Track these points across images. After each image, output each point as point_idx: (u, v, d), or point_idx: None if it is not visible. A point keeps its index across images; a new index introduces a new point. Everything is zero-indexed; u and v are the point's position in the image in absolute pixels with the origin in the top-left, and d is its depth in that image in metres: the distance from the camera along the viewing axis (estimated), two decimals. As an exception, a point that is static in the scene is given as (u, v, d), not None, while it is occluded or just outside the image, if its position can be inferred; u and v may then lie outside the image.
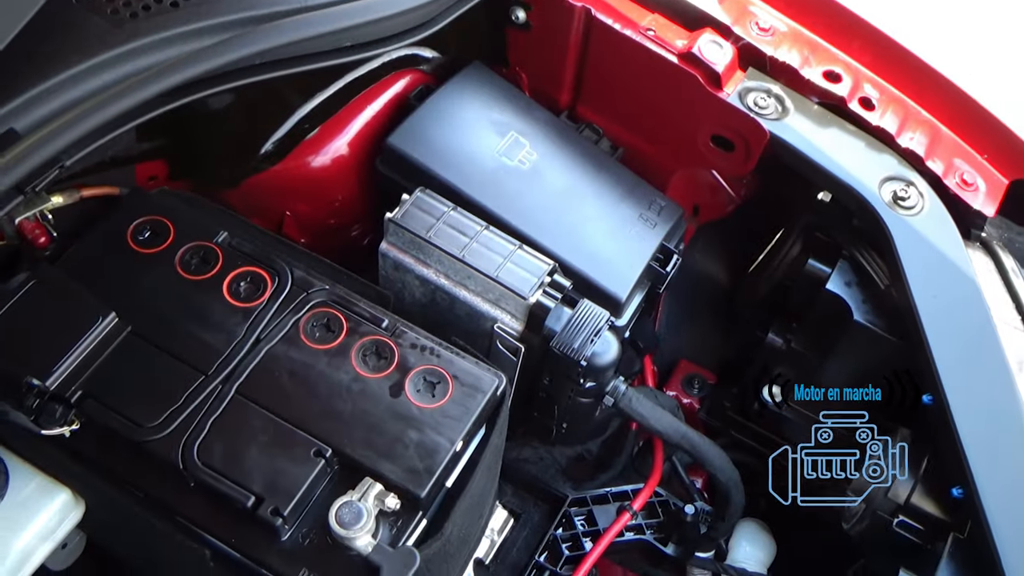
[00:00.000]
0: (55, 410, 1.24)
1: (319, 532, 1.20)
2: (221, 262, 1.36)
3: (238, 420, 1.24)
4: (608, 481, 1.72)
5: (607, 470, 1.76)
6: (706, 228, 1.87)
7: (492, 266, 1.41)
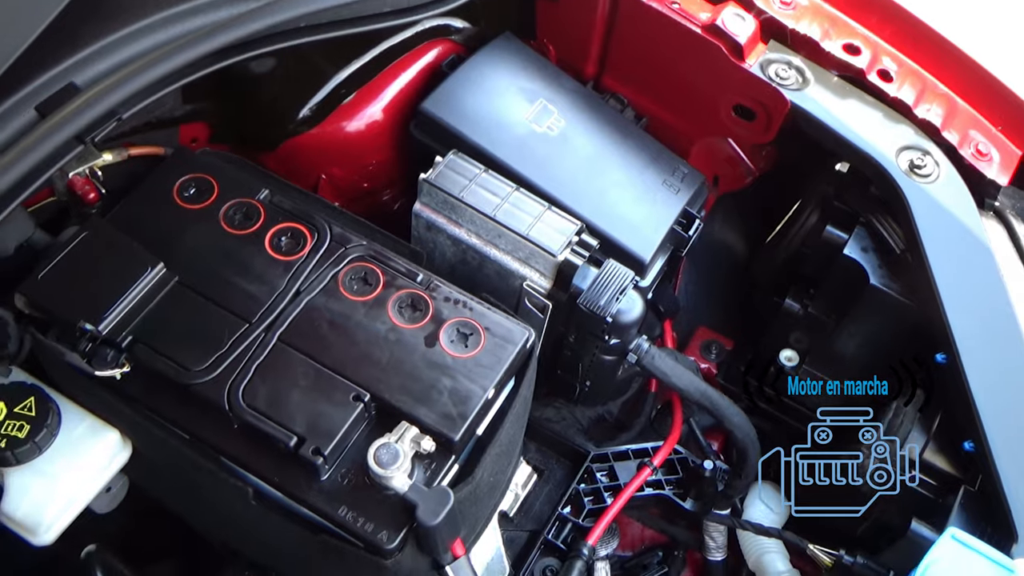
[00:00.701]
0: (107, 354, 1.30)
1: (357, 473, 1.26)
2: (263, 218, 1.42)
3: (280, 366, 1.30)
4: (628, 441, 1.78)
5: (627, 431, 1.82)
6: (725, 200, 1.92)
7: (522, 225, 1.47)
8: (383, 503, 1.24)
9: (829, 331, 1.71)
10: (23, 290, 1.31)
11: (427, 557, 1.28)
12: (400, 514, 1.23)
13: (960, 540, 1.25)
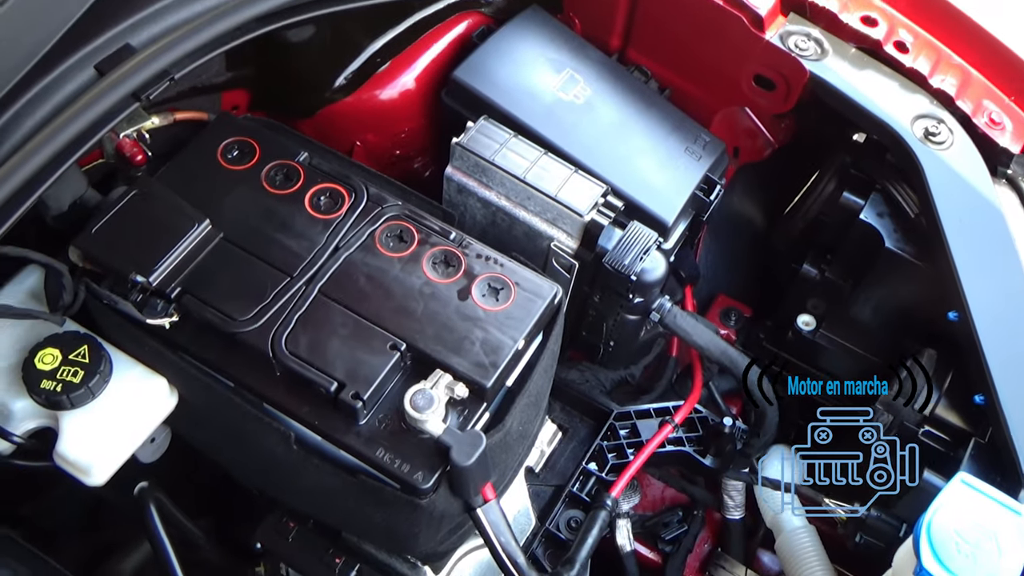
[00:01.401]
0: (157, 304, 1.37)
1: (394, 418, 1.33)
2: (303, 179, 1.49)
3: (321, 316, 1.36)
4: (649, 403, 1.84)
5: (648, 394, 1.88)
6: (745, 172, 1.98)
7: (551, 187, 1.53)
8: (419, 446, 1.31)
9: (845, 296, 1.77)
10: (78, 243, 1.38)
11: (459, 499, 1.35)
12: (434, 456, 1.30)
13: (969, 484, 1.31)
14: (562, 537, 1.66)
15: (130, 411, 1.39)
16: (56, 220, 1.44)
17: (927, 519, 1.28)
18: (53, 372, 1.35)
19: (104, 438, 1.36)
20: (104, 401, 1.37)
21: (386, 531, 1.43)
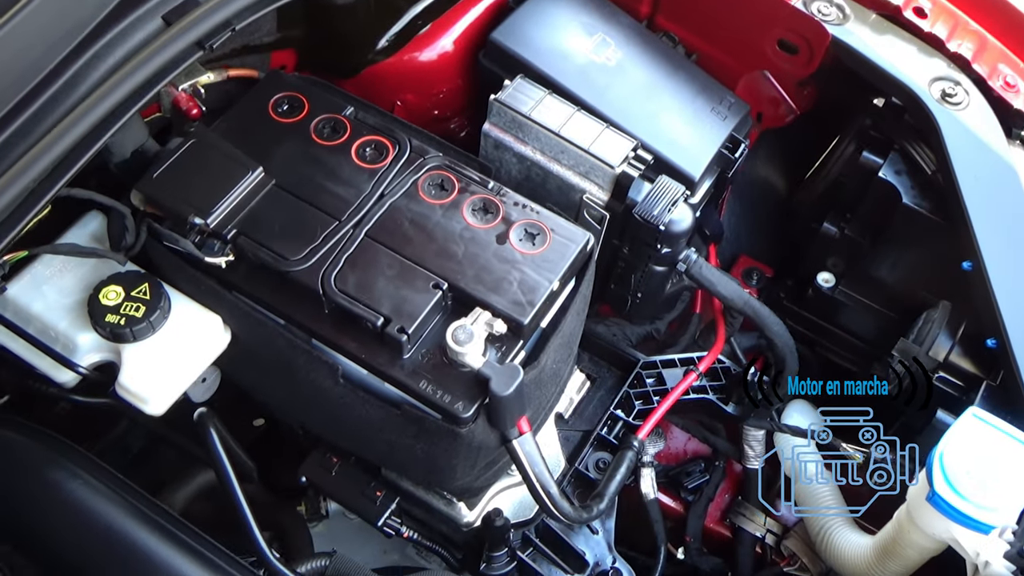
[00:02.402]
0: (214, 244, 1.46)
1: (436, 353, 1.41)
2: (349, 131, 1.57)
3: (367, 257, 1.45)
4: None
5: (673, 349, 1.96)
6: (768, 138, 2.05)
7: (584, 141, 1.61)
8: (459, 378, 1.39)
9: (864, 252, 1.84)
10: (140, 187, 1.47)
11: (496, 431, 1.43)
12: (474, 388, 1.38)
13: (980, 417, 1.38)
14: (591, 476, 1.74)
15: (187, 346, 1.47)
16: (118, 167, 1.53)
17: (940, 448, 1.36)
18: (117, 307, 1.44)
19: (163, 370, 1.45)
20: (163, 336, 1.46)
21: (425, 463, 1.51)
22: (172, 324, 1.47)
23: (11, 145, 1.30)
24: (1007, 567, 1.34)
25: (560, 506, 1.49)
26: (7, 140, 1.29)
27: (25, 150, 1.30)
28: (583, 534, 1.70)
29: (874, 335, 1.90)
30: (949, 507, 1.32)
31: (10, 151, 1.29)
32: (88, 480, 1.33)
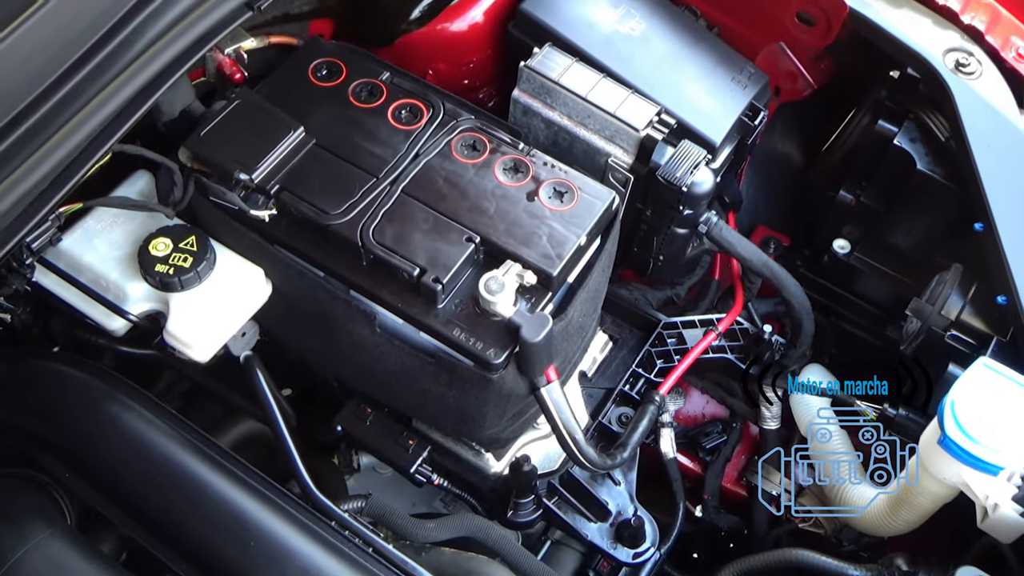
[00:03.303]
0: (258, 199, 1.54)
1: (468, 303, 1.48)
2: (385, 95, 1.64)
3: (404, 212, 1.52)
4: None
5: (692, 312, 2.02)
6: (786, 112, 2.11)
7: (610, 105, 1.68)
8: (491, 327, 1.46)
9: (879, 219, 1.90)
10: (188, 145, 1.55)
11: (525, 379, 1.50)
12: (505, 336, 1.45)
13: (990, 367, 1.44)
14: (613, 430, 1.81)
15: (231, 296, 1.55)
16: (166, 125, 1.61)
17: (951, 395, 1.42)
18: (165, 258, 1.52)
19: (209, 318, 1.53)
20: (209, 286, 1.54)
21: (456, 412, 1.58)
22: (217, 275, 1.55)
23: (69, 101, 1.37)
24: (1015, 509, 1.40)
25: (586, 452, 1.56)
26: (65, 96, 1.36)
27: (82, 106, 1.37)
28: (606, 485, 1.77)
29: (888, 300, 1.96)
30: (960, 449, 1.38)
31: (68, 107, 1.37)
32: (142, 413, 1.41)
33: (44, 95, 1.35)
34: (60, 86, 1.36)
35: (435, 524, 1.59)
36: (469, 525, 1.62)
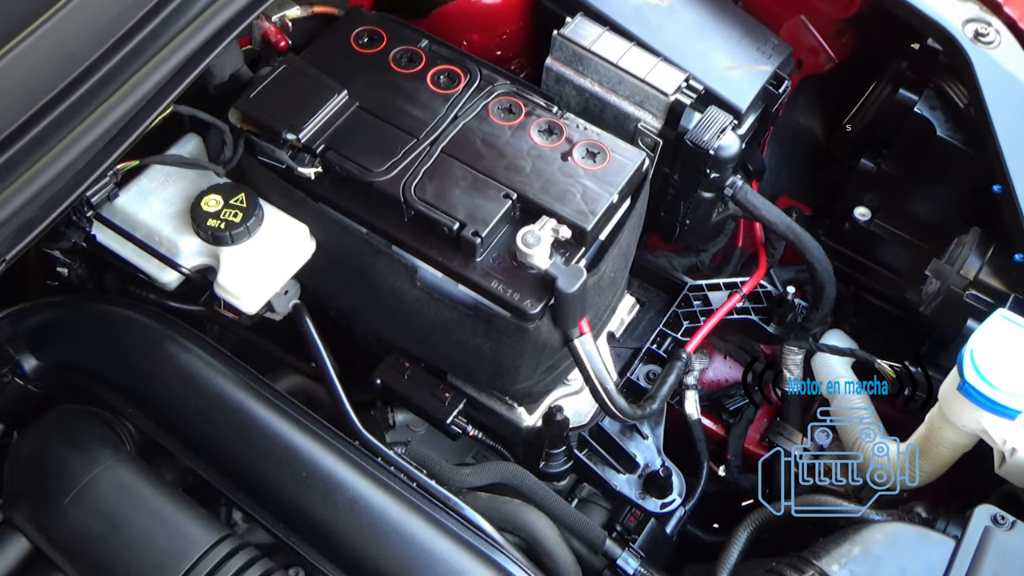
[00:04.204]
0: (304, 158, 1.61)
1: (506, 257, 1.55)
2: (424, 61, 1.72)
3: (443, 170, 1.59)
4: (719, 281, 2.05)
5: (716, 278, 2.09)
6: (808, 86, 2.17)
7: (640, 71, 1.74)
8: (528, 279, 1.52)
9: (899, 186, 1.96)
10: (239, 106, 1.62)
11: (559, 330, 1.56)
12: (541, 287, 1.51)
13: (1008, 318, 1.50)
14: (641, 385, 1.87)
15: (278, 251, 1.62)
16: (216, 88, 1.68)
17: (970, 344, 1.48)
18: (217, 213, 1.59)
19: (257, 272, 1.60)
20: (258, 241, 1.61)
21: (492, 364, 1.65)
22: (265, 231, 1.62)
23: (128, 62, 1.44)
24: (1032, 453, 1.46)
25: (616, 402, 1.62)
26: (125, 57, 1.43)
27: (140, 67, 1.44)
28: (634, 439, 1.83)
29: (908, 266, 2.01)
30: (978, 394, 1.44)
31: (127, 67, 1.44)
32: (199, 353, 1.49)
33: (105, 56, 1.42)
34: (120, 48, 1.43)
35: (472, 470, 1.66)
36: (504, 472, 1.68)
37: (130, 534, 1.32)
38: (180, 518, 1.36)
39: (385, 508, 1.39)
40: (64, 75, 1.36)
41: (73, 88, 1.39)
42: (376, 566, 1.36)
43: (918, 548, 1.39)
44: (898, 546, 1.40)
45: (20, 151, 1.26)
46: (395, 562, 1.36)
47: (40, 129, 1.29)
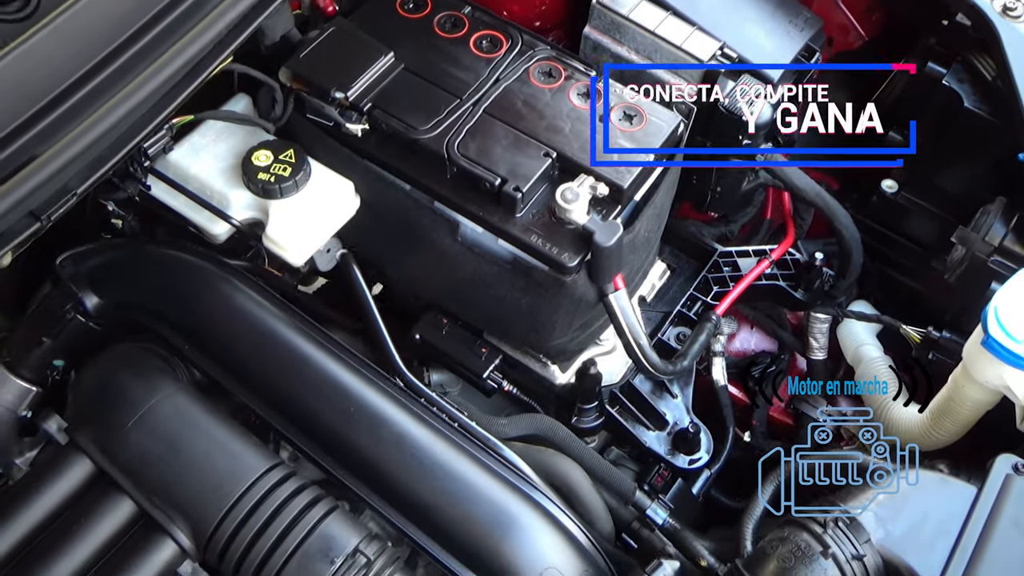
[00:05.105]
0: (352, 115, 1.67)
1: (545, 213, 1.60)
2: (467, 26, 1.78)
3: (486, 129, 1.65)
4: (747, 259, 2.10)
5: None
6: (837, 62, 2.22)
7: (676, 39, 1.80)
8: (566, 234, 1.58)
9: (926, 159, 2.00)
10: (289, 65, 1.69)
11: (595, 286, 1.62)
12: (579, 242, 1.57)
13: (1031, 276, 1.55)
14: (672, 346, 1.92)
15: (324, 206, 1.68)
16: (268, 49, 1.74)
17: (994, 301, 1.52)
18: (267, 167, 1.65)
19: (304, 224, 1.66)
20: (305, 195, 1.67)
21: (529, 319, 1.70)
22: (312, 186, 1.68)
23: (184, 19, 1.50)
24: (1055, 408, 1.51)
25: (649, 356, 1.68)
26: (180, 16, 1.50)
27: (195, 23, 1.51)
28: (664, 398, 1.88)
29: (934, 239, 2.05)
30: (1002, 349, 1.48)
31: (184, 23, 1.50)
32: (251, 294, 1.57)
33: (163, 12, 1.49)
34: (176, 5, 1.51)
35: (507, 421, 1.72)
36: (539, 424, 1.74)
37: (189, 457, 1.39)
38: (236, 444, 1.43)
39: (430, 444, 1.45)
40: (130, 24, 1.43)
41: (138, 37, 1.45)
42: (420, 499, 1.42)
43: (940, 493, 1.44)
44: (921, 491, 1.44)
45: (91, 92, 1.32)
46: (439, 496, 1.42)
47: (110, 72, 1.35)
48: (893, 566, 1.37)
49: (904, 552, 1.38)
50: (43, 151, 1.25)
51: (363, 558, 1.32)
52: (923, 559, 1.36)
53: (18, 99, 1.28)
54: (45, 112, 1.29)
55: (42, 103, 1.29)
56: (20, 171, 1.22)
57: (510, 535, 1.41)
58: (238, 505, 1.36)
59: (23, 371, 1.59)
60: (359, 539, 1.36)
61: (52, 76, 1.33)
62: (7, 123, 1.25)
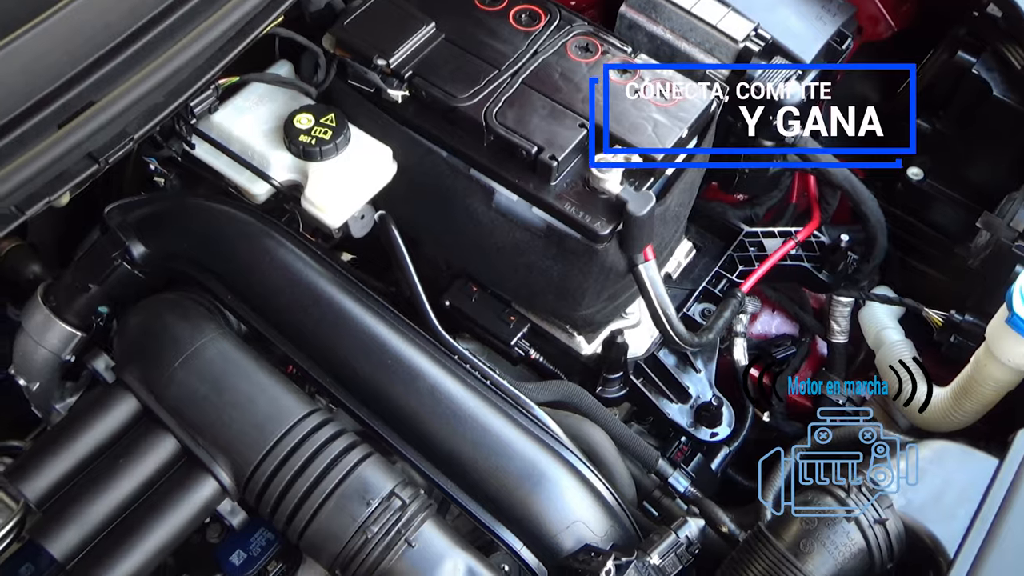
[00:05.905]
0: (393, 82, 1.71)
1: (579, 183, 1.64)
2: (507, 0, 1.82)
3: (523, 100, 1.68)
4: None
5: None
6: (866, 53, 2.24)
7: (711, 19, 1.84)
8: (600, 203, 1.61)
9: (953, 147, 2.03)
10: (333, 31, 1.73)
11: (625, 255, 1.65)
12: (612, 211, 1.60)
13: (1057, 256, 1.58)
14: (697, 321, 1.96)
15: (363, 170, 1.71)
16: (312, 16, 1.78)
17: (1020, 279, 1.55)
18: (308, 130, 1.69)
19: (343, 187, 1.69)
20: (344, 158, 1.70)
21: (558, 287, 1.73)
22: (352, 150, 1.71)
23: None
24: (1078, 387, 1.54)
25: (676, 327, 1.71)
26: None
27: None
28: (688, 372, 1.92)
29: (958, 227, 2.08)
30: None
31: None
32: (292, 249, 1.61)
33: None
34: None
35: (534, 386, 1.74)
36: (565, 391, 1.77)
37: (233, 397, 1.43)
38: (276, 389, 1.47)
39: (463, 398, 1.49)
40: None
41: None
42: (452, 451, 1.46)
43: (962, 463, 1.46)
44: (943, 460, 1.47)
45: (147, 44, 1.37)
46: (471, 448, 1.46)
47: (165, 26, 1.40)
48: (914, 532, 1.40)
49: (925, 519, 1.41)
50: (101, 97, 1.30)
51: (398, 501, 1.35)
52: (944, 526, 1.39)
53: (79, 47, 1.32)
54: (104, 60, 1.33)
55: (101, 51, 1.34)
56: (80, 114, 1.26)
57: (539, 488, 1.44)
58: (278, 446, 1.40)
59: (69, 316, 1.62)
60: (394, 483, 1.39)
61: (111, 27, 1.38)
62: (68, 69, 1.30)
